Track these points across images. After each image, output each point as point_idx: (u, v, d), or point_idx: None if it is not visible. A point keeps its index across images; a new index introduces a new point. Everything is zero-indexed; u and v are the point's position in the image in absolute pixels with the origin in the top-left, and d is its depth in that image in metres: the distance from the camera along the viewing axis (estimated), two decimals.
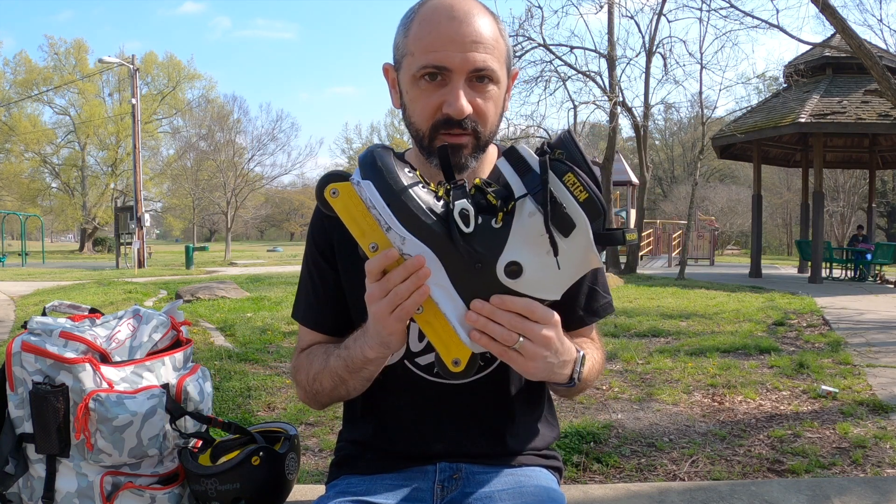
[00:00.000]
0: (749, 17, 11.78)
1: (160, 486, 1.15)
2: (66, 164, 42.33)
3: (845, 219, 34.43)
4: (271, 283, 12.29)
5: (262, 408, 3.77)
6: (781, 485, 1.66)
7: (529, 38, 14.45)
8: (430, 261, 0.82)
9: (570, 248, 0.80)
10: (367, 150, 0.85)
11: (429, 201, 0.82)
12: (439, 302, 0.84)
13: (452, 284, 0.83)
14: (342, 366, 1.00)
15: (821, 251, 12.68)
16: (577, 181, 0.78)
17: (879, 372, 4.62)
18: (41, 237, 33.19)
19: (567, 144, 0.81)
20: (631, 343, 5.63)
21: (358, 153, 11.65)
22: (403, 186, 0.81)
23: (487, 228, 0.81)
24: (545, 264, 0.81)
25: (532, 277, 0.81)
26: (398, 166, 0.83)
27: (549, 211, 0.77)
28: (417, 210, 0.80)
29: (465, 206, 0.80)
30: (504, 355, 0.84)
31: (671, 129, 52.52)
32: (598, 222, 0.80)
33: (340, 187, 0.84)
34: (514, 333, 0.82)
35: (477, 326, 0.82)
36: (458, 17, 0.97)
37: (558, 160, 0.79)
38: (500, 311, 0.82)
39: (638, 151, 16.23)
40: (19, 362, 1.10)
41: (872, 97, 10.91)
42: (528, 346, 0.83)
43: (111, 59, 23.19)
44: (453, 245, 0.80)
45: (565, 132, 0.83)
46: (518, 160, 0.81)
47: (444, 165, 0.87)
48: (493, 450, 1.12)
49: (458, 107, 0.97)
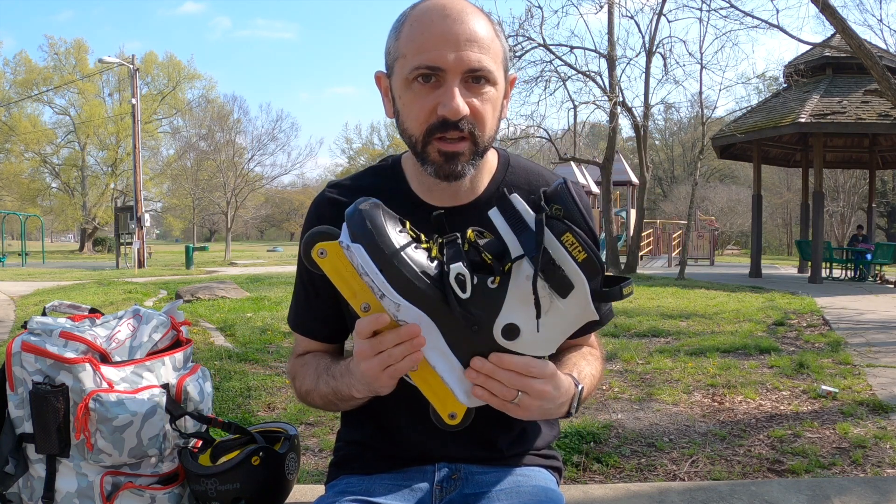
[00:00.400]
0: (749, 17, 11.79)
1: (160, 486, 1.15)
2: (66, 164, 42.32)
3: (845, 219, 34.43)
4: (271, 283, 12.28)
5: (262, 408, 3.77)
6: (781, 485, 1.66)
7: (529, 38, 14.46)
8: (426, 325, 0.81)
9: (568, 308, 0.80)
10: (355, 206, 0.82)
11: (422, 263, 0.80)
12: (435, 365, 0.85)
13: (449, 346, 0.83)
14: (331, 392, 1.02)
15: (821, 251, 12.68)
16: (575, 241, 0.76)
17: (879, 372, 4.62)
18: (41, 237, 33.18)
19: (564, 198, 0.78)
20: (631, 343, 5.63)
21: (358, 153, 11.62)
22: (395, 250, 0.78)
23: (483, 290, 0.79)
24: (542, 324, 0.80)
25: (529, 338, 0.81)
26: (388, 223, 0.80)
27: (547, 273, 0.76)
28: (411, 275, 0.78)
29: (461, 271, 0.78)
30: (503, 407, 0.86)
31: (671, 129, 52.55)
32: (596, 280, 0.78)
33: (329, 248, 0.82)
34: (512, 390, 0.84)
35: (477, 383, 0.83)
36: (451, 15, 0.94)
37: (555, 217, 0.77)
38: (499, 369, 0.82)
39: (638, 151, 16.24)
40: (19, 362, 1.10)
41: (872, 97, 10.91)
42: (526, 399, 0.86)
43: (111, 59, 23.19)
44: (449, 308, 0.79)
45: (561, 184, 0.80)
46: (513, 216, 0.78)
47: (438, 228, 0.85)
48: (491, 450, 1.12)
49: (453, 106, 0.92)
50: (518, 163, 1.13)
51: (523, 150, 25.42)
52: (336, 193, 1.11)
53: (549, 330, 0.81)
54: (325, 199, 1.11)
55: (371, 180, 1.12)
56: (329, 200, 1.10)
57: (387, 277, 0.78)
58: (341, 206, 1.09)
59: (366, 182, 1.12)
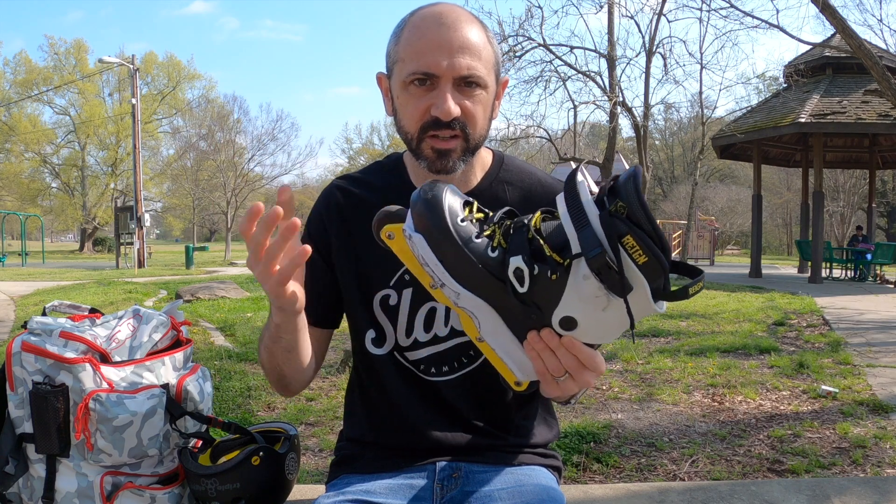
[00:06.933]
0: (749, 17, 11.80)
1: (160, 486, 1.15)
2: (66, 164, 42.32)
3: (845, 219, 34.43)
4: None
5: (262, 408, 3.77)
6: (781, 485, 1.66)
7: (529, 38, 14.45)
8: (486, 311, 0.83)
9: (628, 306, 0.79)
10: (418, 193, 0.82)
11: (482, 254, 0.80)
12: (496, 347, 0.85)
13: (509, 329, 0.84)
14: (268, 337, 1.03)
15: (821, 251, 12.68)
16: (636, 244, 0.73)
17: (879, 372, 4.62)
18: (41, 237, 33.19)
19: (628, 195, 0.74)
20: (631, 343, 5.64)
21: (358, 153, 11.62)
22: (456, 242, 0.79)
23: (542, 281, 0.78)
24: (600, 319, 0.79)
25: (586, 330, 0.80)
26: (451, 212, 0.81)
27: (603, 275, 0.74)
28: (471, 267, 0.80)
29: (520, 265, 0.78)
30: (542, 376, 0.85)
31: (671, 129, 52.50)
32: (658, 280, 0.76)
33: (395, 231, 0.85)
34: (563, 369, 0.83)
35: (536, 349, 0.83)
36: (446, 24, 1.01)
37: (618, 216, 0.74)
38: (565, 349, 0.82)
39: (638, 151, 16.23)
40: (19, 362, 1.10)
41: (872, 97, 10.93)
42: (568, 383, 0.85)
43: (111, 58, 23.18)
44: (507, 297, 0.80)
45: (629, 178, 0.75)
46: (576, 209, 0.76)
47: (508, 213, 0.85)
48: (492, 447, 1.12)
49: (445, 109, 0.99)
50: (512, 161, 1.20)
51: (523, 150, 25.42)
52: (344, 183, 1.19)
53: (606, 325, 0.80)
54: (334, 188, 1.18)
55: (377, 173, 1.19)
56: (338, 188, 1.18)
57: (447, 268, 0.80)
58: (348, 193, 1.16)
59: (373, 174, 1.19)
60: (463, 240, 0.80)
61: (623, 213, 0.74)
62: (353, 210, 1.14)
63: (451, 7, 1.03)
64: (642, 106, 15.67)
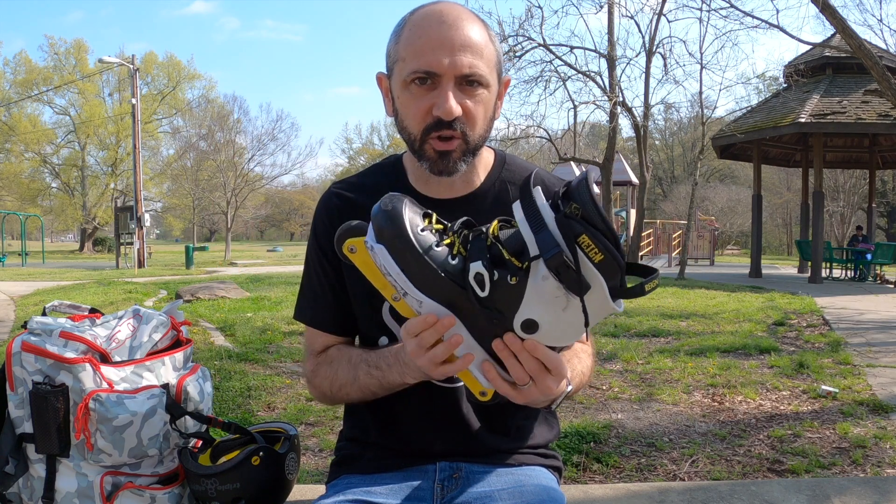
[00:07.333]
0: (749, 17, 11.75)
1: (160, 486, 1.15)
2: (66, 164, 42.31)
3: (845, 219, 34.41)
4: (271, 283, 12.28)
5: (262, 408, 3.77)
6: (781, 485, 1.66)
7: (529, 38, 14.45)
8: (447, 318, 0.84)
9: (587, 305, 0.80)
10: (378, 206, 0.84)
11: (443, 262, 0.82)
12: (458, 353, 0.87)
13: (473, 336, 0.85)
14: (376, 384, 1.04)
15: (821, 251, 12.68)
16: (591, 243, 0.76)
17: (879, 372, 4.62)
18: (41, 237, 33.18)
19: (581, 196, 0.77)
20: (631, 343, 5.63)
21: (358, 153, 11.60)
22: (417, 251, 0.81)
23: (503, 285, 0.80)
24: (560, 320, 0.81)
25: (548, 332, 0.82)
26: (411, 222, 0.82)
27: (561, 275, 0.76)
28: (432, 274, 0.81)
29: (480, 270, 0.80)
30: (501, 387, 0.86)
31: (671, 129, 52.51)
32: (615, 278, 0.78)
33: (357, 244, 0.87)
34: (527, 376, 0.84)
35: (501, 355, 0.84)
36: (447, 21, 1.00)
37: (572, 218, 0.77)
38: (527, 353, 0.82)
39: (638, 151, 16.24)
40: (19, 362, 1.10)
41: (872, 97, 10.92)
42: (531, 391, 0.85)
43: (111, 58, 23.18)
44: (470, 303, 0.81)
45: (581, 181, 0.79)
46: (533, 213, 0.79)
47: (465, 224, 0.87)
48: (491, 447, 1.12)
49: (447, 108, 0.98)
50: (514, 161, 1.19)
51: (523, 150, 25.42)
52: (341, 188, 1.18)
53: (566, 325, 0.81)
54: (331, 194, 1.17)
55: (374, 176, 1.18)
56: (335, 194, 1.17)
57: (409, 277, 0.82)
58: (346, 199, 1.15)
59: (369, 178, 1.18)
60: (423, 248, 0.81)
61: (578, 215, 0.77)
62: (352, 216, 1.13)
63: (451, 5, 1.02)
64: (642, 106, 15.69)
